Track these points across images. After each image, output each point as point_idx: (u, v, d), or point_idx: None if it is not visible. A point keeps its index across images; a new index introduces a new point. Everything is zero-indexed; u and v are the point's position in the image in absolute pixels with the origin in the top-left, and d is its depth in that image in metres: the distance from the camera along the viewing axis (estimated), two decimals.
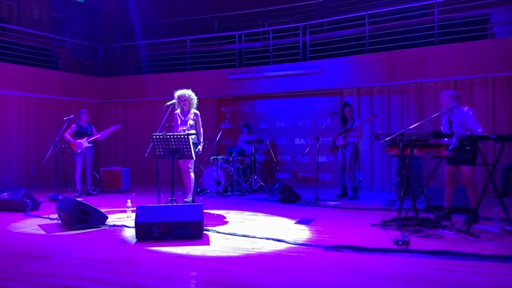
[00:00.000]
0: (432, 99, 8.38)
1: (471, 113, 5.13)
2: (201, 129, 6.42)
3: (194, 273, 3.49)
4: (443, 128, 5.40)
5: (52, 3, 12.26)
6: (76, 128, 8.10)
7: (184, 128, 6.25)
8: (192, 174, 6.28)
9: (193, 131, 6.19)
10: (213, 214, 6.05)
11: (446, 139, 5.13)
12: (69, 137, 8.02)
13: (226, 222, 5.44)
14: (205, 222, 4.85)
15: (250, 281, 3.21)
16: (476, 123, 5.05)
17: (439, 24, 8.28)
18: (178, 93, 6.33)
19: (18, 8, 11.46)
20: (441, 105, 5.41)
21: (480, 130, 4.95)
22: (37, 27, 11.51)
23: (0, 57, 9.37)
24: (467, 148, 4.70)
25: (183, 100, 6.27)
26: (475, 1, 8.46)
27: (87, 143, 8.06)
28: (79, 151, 8.00)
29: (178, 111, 6.37)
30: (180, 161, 6.18)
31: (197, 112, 6.43)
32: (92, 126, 8.34)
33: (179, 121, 6.35)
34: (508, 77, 7.73)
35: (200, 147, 6.35)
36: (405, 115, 8.62)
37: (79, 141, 8.02)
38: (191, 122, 6.30)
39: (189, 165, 6.24)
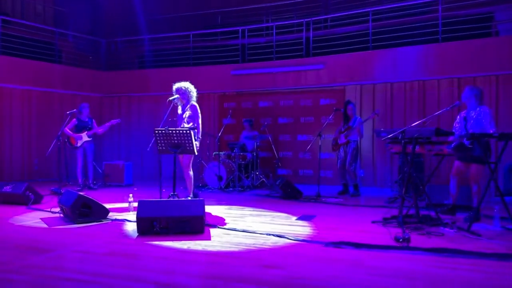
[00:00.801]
0: (435, 96, 8.37)
1: (488, 113, 5.06)
2: (200, 122, 6.06)
3: (195, 268, 3.50)
4: (457, 125, 5.36)
5: None
6: (76, 122, 8.10)
7: (184, 123, 6.14)
8: (191, 172, 6.10)
9: (190, 125, 6.04)
10: (215, 209, 6.06)
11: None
12: (69, 131, 8.03)
13: (227, 218, 5.45)
14: (206, 217, 4.87)
15: (251, 276, 3.22)
16: (490, 124, 4.97)
17: (443, 21, 8.24)
18: (175, 86, 6.14)
19: (22, 1, 11.47)
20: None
21: (492, 132, 4.87)
22: (41, 21, 11.52)
23: (4, 51, 9.39)
24: (469, 146, 4.69)
25: (181, 93, 6.08)
26: None
27: (86, 137, 8.07)
28: (78, 145, 8.03)
29: (179, 106, 6.28)
30: (180, 157, 6.08)
31: (195, 104, 6.12)
32: (93, 120, 8.34)
33: (178, 116, 6.26)
34: None
35: (197, 143, 5.82)
36: (408, 113, 8.60)
37: (78, 135, 8.04)
38: (188, 114, 6.07)
39: (188, 162, 6.03)
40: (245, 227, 4.81)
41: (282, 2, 11.74)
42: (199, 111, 6.13)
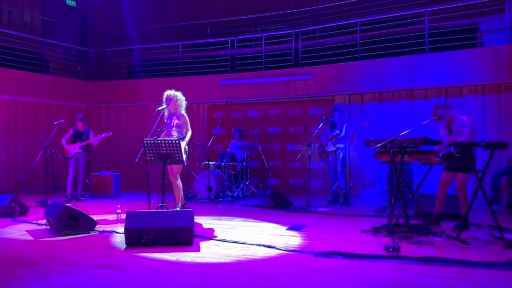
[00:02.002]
0: (423, 106, 8.47)
1: (470, 122, 5.12)
2: (189, 132, 6.03)
3: (183, 280, 3.45)
4: (442, 135, 5.40)
5: (44, 7, 12.20)
6: (72, 133, 8.03)
7: (171, 131, 6.07)
8: (179, 182, 6.08)
9: (177, 134, 6.01)
10: (204, 220, 6.01)
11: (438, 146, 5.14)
12: (64, 142, 7.95)
13: (217, 228, 5.40)
14: (195, 228, 4.82)
15: None
16: (468, 134, 5.04)
17: (429, 32, 8.37)
18: (166, 93, 6.10)
19: (9, 11, 11.39)
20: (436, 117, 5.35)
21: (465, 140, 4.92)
22: (28, 31, 11.44)
23: None
24: (457, 155, 4.73)
25: (169, 99, 6.02)
26: (465, 10, 8.58)
27: (78, 148, 7.95)
28: (70, 156, 7.91)
29: (166, 113, 6.15)
30: (168, 167, 6.02)
31: (183, 113, 6.10)
32: (90, 131, 8.17)
33: (165, 125, 6.20)
34: (498, 85, 7.83)
35: (185, 147, 5.85)
36: (396, 122, 8.67)
37: (71, 146, 7.93)
38: (176, 123, 6.05)
39: (176, 172, 6.02)
40: (235, 238, 4.77)
41: (271, 13, 11.83)
42: (187, 119, 6.10)
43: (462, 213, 5.07)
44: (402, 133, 5.14)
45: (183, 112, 6.14)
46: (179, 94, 6.15)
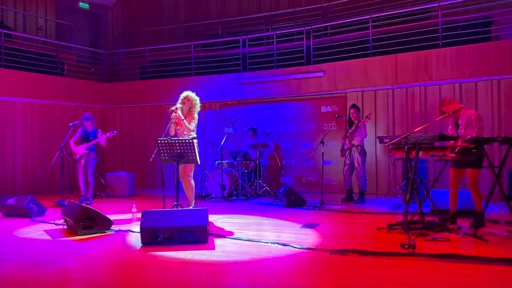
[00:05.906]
0: (437, 102, 8.35)
1: (477, 117, 5.07)
2: (190, 129, 5.98)
3: (199, 278, 3.48)
4: (449, 131, 5.36)
5: (58, 10, 12.39)
6: (81, 134, 7.93)
7: (183, 131, 6.13)
8: (192, 181, 6.11)
9: (193, 135, 6.06)
10: (218, 218, 6.04)
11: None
12: (72, 143, 7.82)
13: (231, 227, 5.42)
14: (210, 227, 4.85)
15: (256, 286, 3.19)
16: (474, 129, 4.99)
17: (443, 27, 8.27)
18: (183, 94, 6.15)
19: (24, 15, 11.59)
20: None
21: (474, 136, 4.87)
22: (43, 34, 11.63)
23: (6, 64, 9.47)
24: (473, 150, 4.67)
25: (186, 100, 6.07)
26: (479, 4, 8.45)
27: (84, 149, 7.80)
28: (77, 157, 7.81)
29: (180, 115, 6.21)
30: (180, 166, 6.05)
31: (195, 116, 6.11)
32: (99, 130, 7.99)
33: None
34: None
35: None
36: (410, 119, 8.59)
37: (78, 147, 7.82)
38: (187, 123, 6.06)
39: (189, 172, 6.05)
40: (249, 236, 4.79)
41: (282, 11, 11.81)
42: (196, 120, 6.10)
43: (477, 209, 5.01)
44: (416, 129, 5.09)
45: (196, 114, 6.15)
46: (193, 96, 6.18)
